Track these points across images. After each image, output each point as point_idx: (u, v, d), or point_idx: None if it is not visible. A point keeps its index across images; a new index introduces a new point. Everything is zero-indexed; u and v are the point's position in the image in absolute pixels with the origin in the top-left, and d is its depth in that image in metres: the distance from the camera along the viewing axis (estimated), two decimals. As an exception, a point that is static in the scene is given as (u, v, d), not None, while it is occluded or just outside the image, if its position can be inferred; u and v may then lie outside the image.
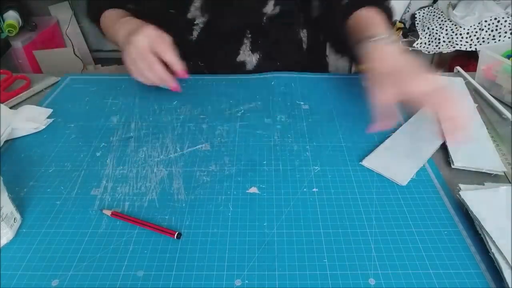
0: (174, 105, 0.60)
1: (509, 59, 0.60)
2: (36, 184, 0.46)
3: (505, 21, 1.53)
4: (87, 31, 1.93)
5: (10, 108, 0.59)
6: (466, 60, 1.67)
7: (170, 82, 0.56)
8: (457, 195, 0.42)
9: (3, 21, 1.58)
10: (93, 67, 1.98)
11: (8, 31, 1.59)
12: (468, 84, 0.65)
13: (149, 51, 0.54)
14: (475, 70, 0.65)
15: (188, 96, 0.62)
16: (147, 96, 0.62)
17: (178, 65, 0.55)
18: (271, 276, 0.36)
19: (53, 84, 0.66)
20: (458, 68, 0.69)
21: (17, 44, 1.63)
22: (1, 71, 0.67)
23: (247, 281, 0.35)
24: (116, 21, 0.63)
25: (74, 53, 1.81)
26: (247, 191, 0.45)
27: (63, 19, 1.85)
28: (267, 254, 0.38)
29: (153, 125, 0.56)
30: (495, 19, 1.54)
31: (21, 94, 0.62)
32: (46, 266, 0.37)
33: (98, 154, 0.51)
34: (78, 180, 0.47)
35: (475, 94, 0.62)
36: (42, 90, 0.64)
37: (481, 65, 0.63)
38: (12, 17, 1.61)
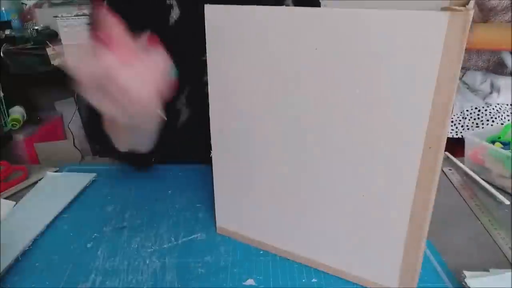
0: (170, 194, 0.60)
1: (493, 144, 0.63)
2: (20, 279, 0.44)
3: (485, 110, 1.63)
4: (89, 124, 2.01)
5: (5, 198, 0.59)
6: (455, 146, 1.73)
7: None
8: (463, 283, 0.40)
9: (8, 116, 1.65)
10: (90, 158, 2.02)
11: (12, 125, 1.66)
12: (458, 169, 0.67)
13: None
14: (463, 155, 0.67)
15: (184, 185, 0.63)
16: (143, 185, 0.62)
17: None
18: None
19: (50, 175, 0.66)
20: (447, 153, 0.72)
21: (19, 138, 1.68)
22: (0, 162, 0.68)
23: None
24: None
25: (74, 145, 1.86)
26: (243, 283, 0.43)
27: (67, 113, 1.94)
28: None
29: (148, 214, 0.55)
30: (476, 108, 1.64)
31: (18, 185, 0.62)
32: None
33: (89, 245, 0.49)
34: (65, 274, 0.44)
35: (466, 178, 0.64)
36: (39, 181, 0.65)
37: (468, 150, 0.66)
38: (17, 112, 1.69)
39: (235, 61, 0.41)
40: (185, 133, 0.67)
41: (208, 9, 0.39)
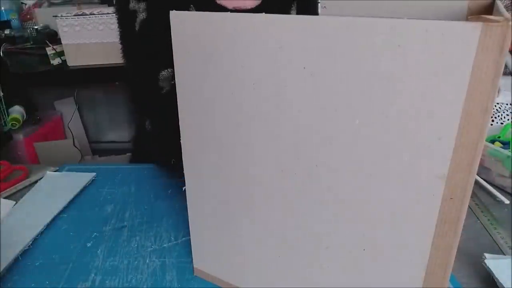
0: (170, 194, 0.60)
1: (493, 143, 0.63)
2: (19, 278, 0.44)
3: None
4: (88, 123, 2.02)
5: (5, 198, 0.59)
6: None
7: None
8: (483, 264, 0.42)
9: (8, 116, 1.65)
10: (90, 158, 2.02)
11: (12, 124, 1.65)
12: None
13: None
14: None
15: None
16: (143, 185, 0.62)
17: None
18: None
19: (50, 174, 0.67)
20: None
21: (19, 137, 1.68)
22: (0, 162, 0.68)
23: None
24: None
25: (74, 145, 1.86)
26: (243, 283, 0.43)
27: (67, 113, 1.94)
28: None
29: (147, 213, 0.55)
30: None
31: (17, 184, 0.62)
32: None
33: (88, 244, 0.49)
34: (65, 274, 0.44)
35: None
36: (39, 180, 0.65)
37: (468, 150, 0.66)
38: (17, 111, 1.69)
39: (208, 80, 0.33)
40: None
41: (174, 16, 0.33)
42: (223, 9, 0.61)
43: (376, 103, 0.26)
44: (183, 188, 0.40)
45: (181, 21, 0.33)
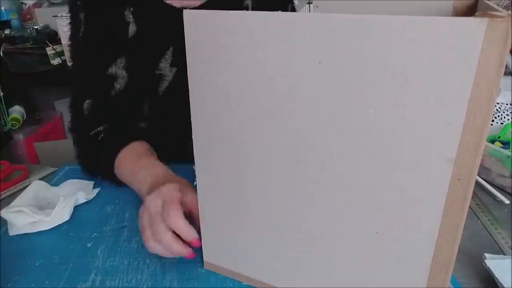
0: (170, 193, 0.60)
1: (493, 143, 0.63)
2: (20, 278, 0.44)
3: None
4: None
5: (5, 198, 0.59)
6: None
7: (182, 252, 0.43)
8: (483, 264, 0.42)
9: (8, 115, 1.65)
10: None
11: (12, 124, 1.66)
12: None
13: (160, 217, 0.43)
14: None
15: (184, 184, 0.62)
16: (143, 185, 0.62)
17: (188, 233, 0.42)
18: None
19: (50, 174, 0.67)
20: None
21: (19, 137, 1.68)
22: (0, 162, 0.68)
23: None
24: (136, 165, 0.55)
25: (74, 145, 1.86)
26: (243, 283, 0.43)
27: (67, 113, 1.94)
28: None
29: (147, 213, 0.55)
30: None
31: (17, 184, 0.62)
32: None
33: (89, 245, 0.49)
34: (65, 274, 0.44)
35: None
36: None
37: (468, 150, 0.66)
38: (17, 111, 1.69)
39: (221, 77, 0.34)
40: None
41: (187, 15, 0.33)
42: (168, 7, 0.63)
43: (389, 93, 0.28)
44: (194, 183, 0.41)
45: (194, 20, 0.34)
